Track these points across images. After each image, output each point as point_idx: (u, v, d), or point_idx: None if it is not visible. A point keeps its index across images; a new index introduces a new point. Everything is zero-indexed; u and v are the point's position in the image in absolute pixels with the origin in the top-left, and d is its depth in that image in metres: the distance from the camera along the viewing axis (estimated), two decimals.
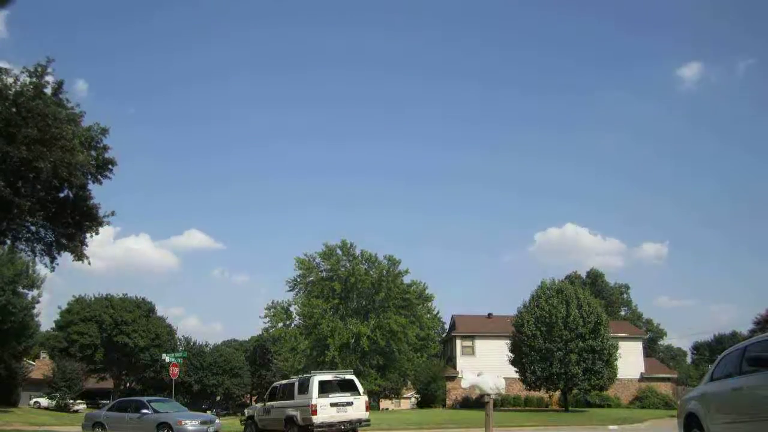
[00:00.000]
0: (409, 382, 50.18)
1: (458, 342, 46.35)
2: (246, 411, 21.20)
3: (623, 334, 43.43)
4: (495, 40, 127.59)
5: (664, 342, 76.08)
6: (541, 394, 38.46)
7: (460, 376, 34.38)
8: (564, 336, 33.27)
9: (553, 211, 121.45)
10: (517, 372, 35.83)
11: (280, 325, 47.60)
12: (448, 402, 44.21)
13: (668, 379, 46.53)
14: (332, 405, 16.13)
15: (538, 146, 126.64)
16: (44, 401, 46.73)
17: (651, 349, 61.84)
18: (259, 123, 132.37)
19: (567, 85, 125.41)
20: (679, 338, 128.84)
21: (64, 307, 56.21)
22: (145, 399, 20.98)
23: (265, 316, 47.90)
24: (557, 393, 37.34)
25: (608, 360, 33.71)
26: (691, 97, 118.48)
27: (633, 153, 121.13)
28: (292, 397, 17.12)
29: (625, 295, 72.83)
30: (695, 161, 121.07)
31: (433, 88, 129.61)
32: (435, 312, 54.35)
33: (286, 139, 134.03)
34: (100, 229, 20.71)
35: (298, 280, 46.84)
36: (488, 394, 15.34)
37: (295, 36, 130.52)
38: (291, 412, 16.68)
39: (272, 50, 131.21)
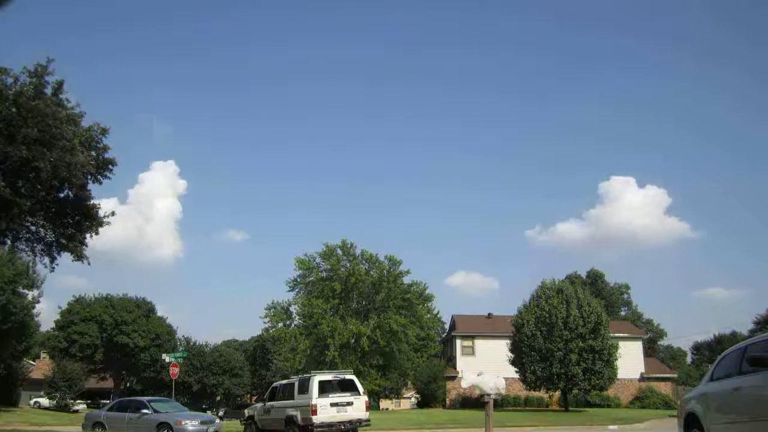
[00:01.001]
0: (409, 382, 50.16)
1: (458, 342, 46.32)
2: (246, 411, 21.18)
3: (623, 334, 43.38)
4: (495, 47, 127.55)
5: (664, 342, 76.08)
6: (541, 394, 38.44)
7: (460, 376, 34.47)
8: (564, 336, 33.25)
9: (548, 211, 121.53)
10: (517, 372, 35.80)
11: (280, 325, 47.52)
12: (448, 402, 44.19)
13: (668, 379, 46.50)
14: (332, 405, 16.11)
15: (538, 152, 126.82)
16: (44, 401, 46.69)
17: (651, 349, 61.78)
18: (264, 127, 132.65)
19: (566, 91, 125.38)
20: (679, 338, 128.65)
21: (64, 307, 56.25)
22: (145, 399, 20.95)
23: (265, 316, 47.87)
24: (557, 393, 37.33)
25: (608, 360, 33.68)
26: None
27: (631, 156, 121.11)
28: (292, 397, 17.11)
29: (625, 295, 72.78)
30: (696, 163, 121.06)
31: (433, 94, 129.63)
32: (435, 312, 54.38)
33: (291, 141, 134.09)
34: (101, 229, 20.75)
35: (298, 280, 46.80)
36: (488, 394, 15.34)
37: (300, 50, 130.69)
38: (291, 412, 16.67)
39: (284, 62, 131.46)
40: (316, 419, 15.71)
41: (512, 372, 35.57)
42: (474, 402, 37.97)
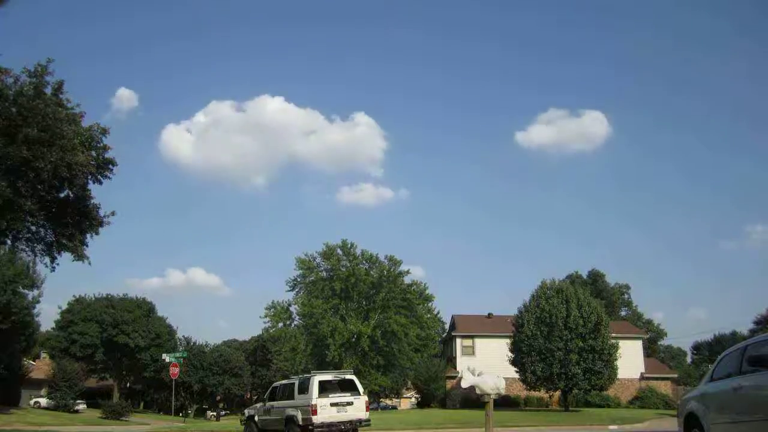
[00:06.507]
0: (410, 382, 50.24)
1: (458, 342, 46.32)
2: (246, 411, 21.19)
3: (623, 334, 43.39)
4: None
5: (664, 342, 76.12)
6: (541, 394, 38.46)
7: (460, 375, 34.40)
8: (564, 336, 33.27)
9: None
10: (517, 372, 35.83)
11: (281, 325, 47.66)
12: (448, 402, 44.20)
13: (668, 379, 46.52)
14: (332, 405, 16.12)
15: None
16: (44, 401, 46.74)
17: (651, 349, 61.80)
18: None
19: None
20: (679, 338, 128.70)
21: (65, 307, 56.35)
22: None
23: (266, 316, 47.97)
24: (557, 393, 37.35)
25: (608, 360, 33.69)
26: None
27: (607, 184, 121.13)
28: (292, 397, 17.11)
29: (625, 296, 72.80)
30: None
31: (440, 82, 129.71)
32: (435, 312, 54.46)
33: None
34: (100, 230, 20.81)
35: (299, 280, 46.91)
36: (488, 394, 15.32)
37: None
38: (291, 412, 16.67)
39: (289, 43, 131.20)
40: (316, 419, 15.71)
41: (512, 372, 35.59)
42: (474, 402, 38.00)
